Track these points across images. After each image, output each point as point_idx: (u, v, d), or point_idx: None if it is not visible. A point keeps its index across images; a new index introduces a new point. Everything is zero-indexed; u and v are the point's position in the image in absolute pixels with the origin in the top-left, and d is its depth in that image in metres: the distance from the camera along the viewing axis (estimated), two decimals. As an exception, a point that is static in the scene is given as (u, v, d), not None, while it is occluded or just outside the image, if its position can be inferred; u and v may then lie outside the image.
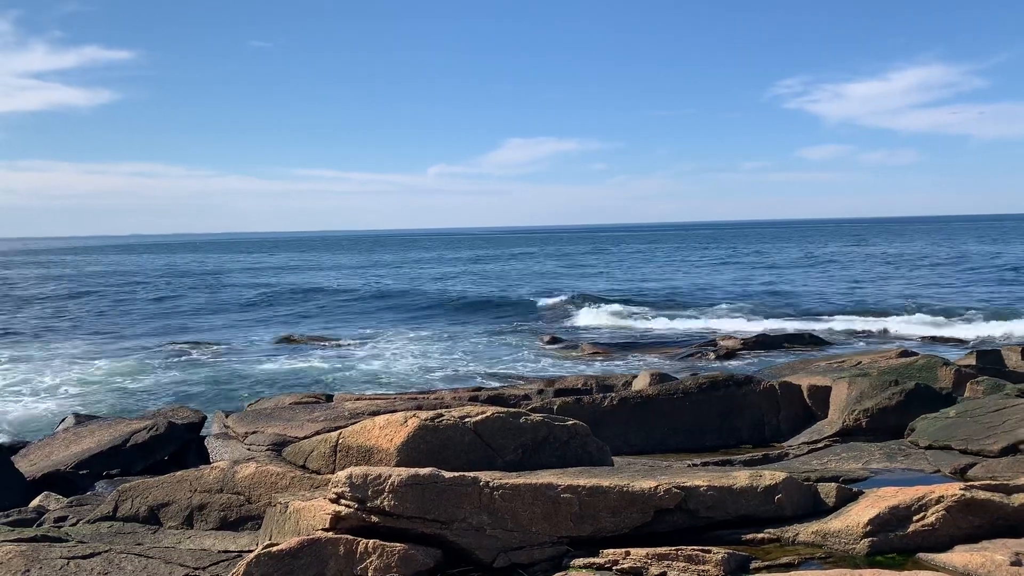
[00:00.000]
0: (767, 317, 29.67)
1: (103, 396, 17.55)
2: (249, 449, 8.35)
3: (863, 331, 25.20)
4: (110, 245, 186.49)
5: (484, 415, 6.03)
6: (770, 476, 5.17)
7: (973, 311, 27.84)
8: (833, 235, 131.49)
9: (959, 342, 22.75)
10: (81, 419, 11.49)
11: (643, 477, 5.19)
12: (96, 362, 22.20)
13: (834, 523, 4.82)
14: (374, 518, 4.69)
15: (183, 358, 22.55)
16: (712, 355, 19.84)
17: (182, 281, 56.06)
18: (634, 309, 32.92)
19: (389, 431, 5.91)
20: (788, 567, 4.48)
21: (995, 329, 24.42)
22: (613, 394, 9.95)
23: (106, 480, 8.88)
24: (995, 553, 4.34)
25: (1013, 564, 4.20)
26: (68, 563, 5.13)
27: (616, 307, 33.49)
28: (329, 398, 11.83)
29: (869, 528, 4.67)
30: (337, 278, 56.80)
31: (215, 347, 24.31)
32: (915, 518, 4.71)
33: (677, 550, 4.52)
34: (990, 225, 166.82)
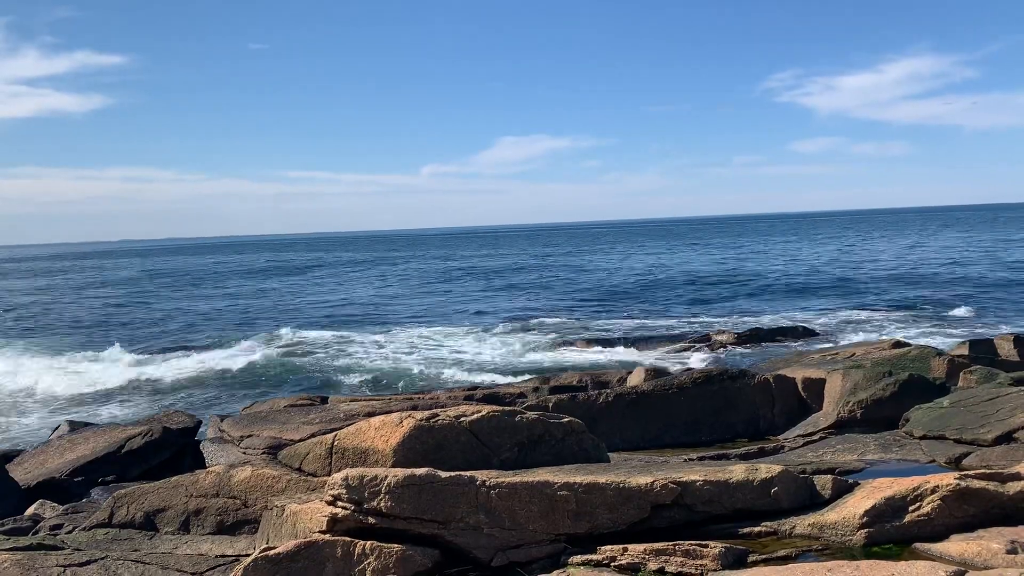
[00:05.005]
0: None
1: (96, 402, 17.48)
2: (245, 453, 8.33)
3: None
4: (99, 251, 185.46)
5: (479, 414, 6.03)
6: (766, 469, 5.18)
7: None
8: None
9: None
10: (75, 426, 11.46)
11: (639, 473, 5.20)
12: (89, 369, 22.11)
13: (830, 515, 4.83)
14: (371, 519, 4.69)
15: (175, 363, 22.47)
16: (707, 349, 19.90)
17: (168, 287, 55.83)
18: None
19: (385, 432, 5.90)
20: (786, 559, 4.50)
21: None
22: (608, 390, 9.96)
23: (101, 487, 8.85)
24: (991, 541, 4.36)
25: (1009, 552, 4.22)
26: (64, 571, 5.11)
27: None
28: (324, 400, 11.82)
29: (865, 519, 4.68)
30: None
31: (207, 351, 24.25)
32: (911, 508, 4.73)
33: (675, 545, 4.53)
34: (974, 215, 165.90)
